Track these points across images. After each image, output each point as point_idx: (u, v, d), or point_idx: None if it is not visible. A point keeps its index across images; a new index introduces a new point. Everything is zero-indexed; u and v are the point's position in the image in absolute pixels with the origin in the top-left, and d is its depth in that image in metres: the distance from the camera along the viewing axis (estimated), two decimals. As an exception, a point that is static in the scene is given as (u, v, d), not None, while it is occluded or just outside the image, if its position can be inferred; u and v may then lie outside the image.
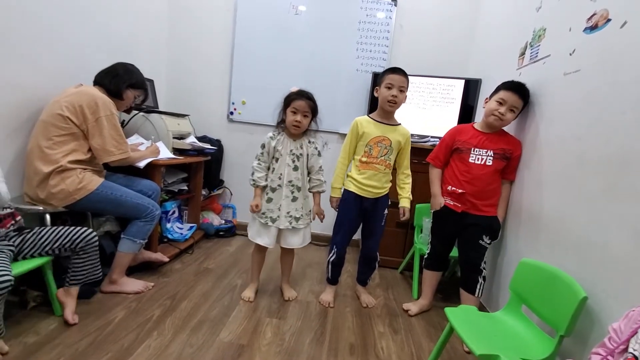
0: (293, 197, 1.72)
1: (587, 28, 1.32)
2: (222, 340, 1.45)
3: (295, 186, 1.72)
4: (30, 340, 1.30)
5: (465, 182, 1.70)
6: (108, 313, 1.54)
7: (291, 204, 1.72)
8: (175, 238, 2.30)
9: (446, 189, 1.76)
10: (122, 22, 2.24)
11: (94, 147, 1.60)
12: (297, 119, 1.62)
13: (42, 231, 1.39)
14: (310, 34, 2.69)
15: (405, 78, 1.67)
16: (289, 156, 1.69)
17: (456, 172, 1.73)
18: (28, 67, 1.62)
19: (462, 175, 1.71)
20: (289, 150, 1.69)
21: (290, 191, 1.71)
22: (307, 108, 1.64)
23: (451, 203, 1.73)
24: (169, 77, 2.85)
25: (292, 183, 1.71)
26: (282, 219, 1.71)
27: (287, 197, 1.71)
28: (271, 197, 1.71)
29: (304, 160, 1.72)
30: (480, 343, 1.14)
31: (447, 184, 1.77)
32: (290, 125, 1.65)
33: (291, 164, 1.69)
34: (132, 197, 1.69)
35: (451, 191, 1.73)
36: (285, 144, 1.70)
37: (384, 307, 1.91)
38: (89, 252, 1.46)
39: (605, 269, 1.09)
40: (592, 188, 1.19)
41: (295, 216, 1.73)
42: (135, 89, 1.78)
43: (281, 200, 1.70)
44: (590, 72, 1.28)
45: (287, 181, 1.69)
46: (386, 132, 1.74)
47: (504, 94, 1.60)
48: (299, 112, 1.63)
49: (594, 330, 1.10)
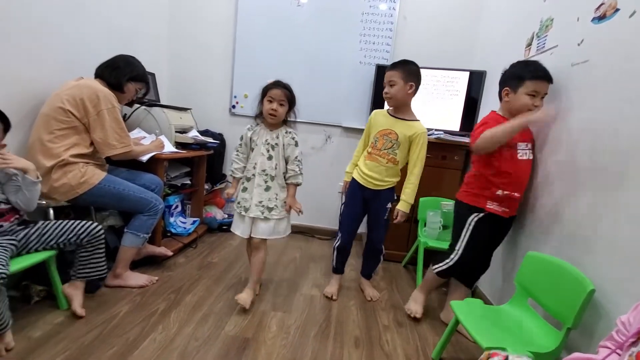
0: (266, 187, 1.67)
1: (595, 18, 1.30)
2: (227, 333, 1.45)
3: (269, 175, 1.66)
4: (35, 334, 1.31)
5: (518, 183, 1.49)
6: (113, 307, 1.54)
7: (264, 194, 1.67)
8: (179, 232, 2.30)
9: (494, 193, 1.49)
10: (123, 15, 2.21)
11: (95, 140, 1.58)
12: (272, 107, 1.62)
13: (47, 225, 1.38)
14: (312, 26, 2.66)
15: (393, 71, 1.68)
16: (264, 145, 1.67)
17: (506, 172, 1.47)
18: (29, 60, 1.60)
19: (515, 176, 1.47)
20: (264, 140, 1.67)
21: (263, 180, 1.67)
22: (283, 96, 1.63)
23: (499, 209, 1.50)
24: (171, 71, 2.83)
25: (266, 172, 1.66)
26: (253, 208, 1.65)
27: (259, 186, 1.67)
28: (246, 186, 1.70)
29: (279, 150, 1.68)
30: (487, 336, 1.14)
31: (496, 187, 1.49)
32: (267, 114, 1.64)
33: (265, 153, 1.66)
34: (135, 191, 1.68)
35: (503, 196, 1.48)
36: (261, 134, 1.69)
37: (388, 300, 1.91)
38: (95, 245, 1.47)
39: (613, 261, 1.08)
40: (600, 180, 1.18)
41: (268, 206, 1.66)
42: (136, 82, 1.76)
43: (254, 190, 1.67)
44: (599, 63, 1.26)
45: (260, 170, 1.66)
46: (395, 125, 1.72)
47: (536, 84, 1.41)
48: (274, 100, 1.62)
49: (601, 322, 1.09)
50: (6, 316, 1.18)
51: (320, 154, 2.81)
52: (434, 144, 2.27)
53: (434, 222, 2.15)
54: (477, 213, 1.53)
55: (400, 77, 1.66)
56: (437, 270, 1.63)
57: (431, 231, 2.17)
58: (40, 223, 1.39)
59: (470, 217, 1.55)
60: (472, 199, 1.57)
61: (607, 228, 1.12)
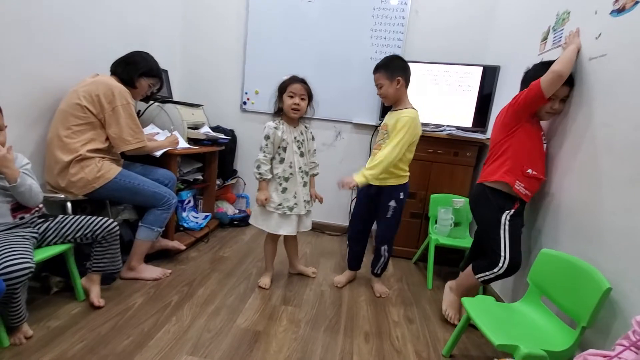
0: (304, 183, 1.77)
1: (614, 11, 1.26)
2: (239, 326, 1.47)
3: (304, 172, 1.76)
4: (54, 324, 1.35)
5: (543, 165, 1.48)
6: (128, 298, 1.57)
7: (304, 190, 1.77)
8: (191, 227, 2.33)
9: (524, 170, 1.45)
10: (137, 13, 2.24)
11: (111, 136, 1.62)
12: (295, 101, 1.62)
13: (65, 220, 1.42)
14: (323, 22, 2.65)
15: (377, 74, 1.72)
16: (295, 143, 1.70)
17: (535, 151, 1.46)
18: (49, 58, 1.64)
19: (541, 158, 1.48)
20: (294, 138, 1.70)
21: (301, 177, 1.75)
22: (304, 90, 1.64)
23: (523, 192, 1.46)
24: (183, 67, 2.86)
25: (302, 169, 1.75)
26: (301, 206, 1.74)
27: (301, 184, 1.74)
28: (285, 186, 1.71)
29: (306, 145, 1.76)
30: (499, 333, 1.13)
31: (525, 166, 1.45)
32: (289, 109, 1.64)
33: (297, 151, 1.72)
34: (150, 186, 1.71)
35: (531, 175, 1.45)
36: (288, 132, 1.70)
37: (398, 296, 1.91)
38: (110, 242, 1.49)
39: (630, 259, 1.06)
40: (618, 175, 1.15)
41: (307, 200, 1.79)
42: (149, 78, 1.78)
43: (296, 188, 1.72)
44: (617, 57, 1.23)
45: (297, 168, 1.72)
46: (388, 118, 1.76)
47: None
48: (296, 95, 1.63)
49: (617, 321, 1.07)
50: (24, 309, 1.23)
51: (330, 150, 2.81)
52: (446, 140, 2.25)
53: (445, 219, 2.14)
54: (508, 210, 1.47)
55: (385, 78, 1.69)
56: (484, 279, 1.50)
57: (442, 228, 2.15)
58: (59, 217, 1.43)
59: (501, 216, 1.47)
60: (503, 175, 1.48)
61: (625, 225, 1.10)
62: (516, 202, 1.49)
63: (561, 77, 1.35)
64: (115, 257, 1.54)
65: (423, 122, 2.45)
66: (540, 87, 1.37)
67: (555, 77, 1.35)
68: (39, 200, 1.34)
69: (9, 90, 1.46)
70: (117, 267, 1.57)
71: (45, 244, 1.38)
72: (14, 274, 1.09)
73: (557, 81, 1.36)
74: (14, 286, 1.11)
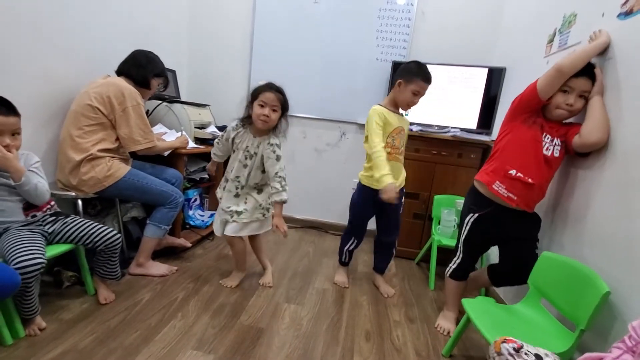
0: (235, 194, 1.67)
1: (622, 13, 1.26)
2: (242, 323, 1.50)
3: (240, 183, 1.65)
4: (66, 317, 1.40)
5: (536, 169, 1.35)
6: (136, 294, 1.62)
7: (232, 199, 1.67)
8: (197, 225, 2.38)
9: (506, 171, 1.37)
10: (145, 13, 2.28)
11: (121, 136, 1.66)
12: (264, 112, 1.50)
13: (72, 222, 1.44)
14: (329, 23, 2.67)
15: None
16: (242, 152, 1.61)
17: (526, 154, 1.35)
18: (60, 58, 1.69)
19: (536, 161, 1.34)
20: (244, 147, 1.60)
21: (234, 186, 1.66)
22: (276, 101, 1.51)
23: (505, 194, 1.38)
24: (190, 68, 2.90)
25: (239, 180, 1.65)
26: (220, 211, 1.73)
27: (229, 192, 1.67)
28: (224, 185, 1.73)
29: (256, 160, 1.61)
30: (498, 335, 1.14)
31: (508, 166, 1.38)
32: (257, 119, 1.52)
33: (243, 161, 1.62)
34: (157, 185, 1.76)
35: (514, 177, 1.36)
36: (243, 138, 1.61)
37: (400, 296, 1.93)
38: (109, 254, 1.49)
39: (631, 264, 1.07)
40: (621, 180, 1.16)
41: (237, 210, 1.65)
42: (158, 77, 1.85)
43: (225, 193, 1.70)
44: (624, 60, 1.22)
45: (234, 176, 1.65)
46: (401, 122, 1.76)
47: (569, 80, 1.29)
48: (267, 105, 1.50)
49: (616, 324, 1.08)
50: (37, 302, 1.28)
51: (334, 150, 2.83)
52: (450, 142, 2.26)
53: (448, 220, 2.15)
54: (472, 214, 1.49)
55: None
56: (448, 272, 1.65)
57: (445, 229, 2.16)
58: (69, 218, 1.45)
59: (466, 217, 1.52)
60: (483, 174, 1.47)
61: (627, 230, 1.10)
62: (490, 205, 1.44)
63: (560, 73, 1.26)
64: (113, 268, 1.54)
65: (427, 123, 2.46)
66: (535, 85, 1.32)
67: (552, 73, 1.27)
68: (44, 199, 1.36)
69: (24, 89, 1.51)
70: (114, 277, 1.56)
71: (54, 242, 1.42)
72: (27, 268, 1.15)
73: (555, 77, 1.27)
74: (27, 280, 1.16)
